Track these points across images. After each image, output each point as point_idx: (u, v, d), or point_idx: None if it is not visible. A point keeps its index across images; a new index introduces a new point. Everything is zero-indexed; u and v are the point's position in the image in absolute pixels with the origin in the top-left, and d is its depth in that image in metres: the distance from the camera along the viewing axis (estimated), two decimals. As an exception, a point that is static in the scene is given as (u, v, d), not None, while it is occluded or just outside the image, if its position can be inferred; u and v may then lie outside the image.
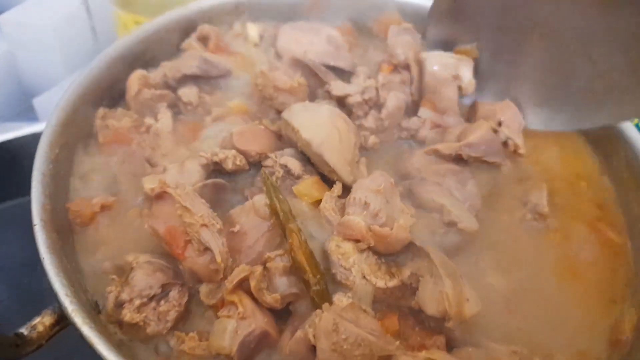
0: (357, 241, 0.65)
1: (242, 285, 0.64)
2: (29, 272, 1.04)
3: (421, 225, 0.70)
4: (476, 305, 0.63)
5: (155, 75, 0.91)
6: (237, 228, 0.67)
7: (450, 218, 0.71)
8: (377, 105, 0.86)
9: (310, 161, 0.77)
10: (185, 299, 0.66)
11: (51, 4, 1.55)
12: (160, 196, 0.69)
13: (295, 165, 0.75)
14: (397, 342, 0.57)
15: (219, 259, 0.64)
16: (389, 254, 0.67)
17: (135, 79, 0.88)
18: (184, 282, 0.68)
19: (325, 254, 0.66)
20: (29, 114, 1.64)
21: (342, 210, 0.69)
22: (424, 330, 0.65)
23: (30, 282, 1.03)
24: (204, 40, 1.00)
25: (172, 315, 0.65)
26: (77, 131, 0.82)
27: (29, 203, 1.20)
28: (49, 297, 0.62)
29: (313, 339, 0.57)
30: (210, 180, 0.75)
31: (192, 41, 0.99)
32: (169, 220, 0.67)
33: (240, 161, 0.77)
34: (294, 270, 0.64)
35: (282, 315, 0.66)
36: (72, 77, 1.61)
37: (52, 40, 1.60)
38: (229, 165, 0.76)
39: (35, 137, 1.30)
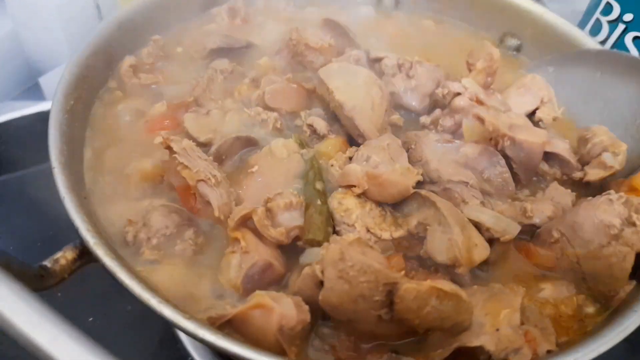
0: (352, 186, 0.66)
1: (248, 224, 0.66)
2: (30, 249, 1.06)
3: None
4: (485, 249, 0.64)
5: (146, 55, 0.94)
6: (254, 168, 0.70)
7: (490, 235, 0.67)
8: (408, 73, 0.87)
9: (340, 122, 0.80)
10: (200, 239, 0.68)
11: (54, -18, 1.56)
12: (170, 150, 0.70)
13: (320, 125, 0.78)
14: (402, 272, 0.58)
15: (216, 213, 0.66)
16: (389, 202, 0.68)
17: (125, 69, 0.90)
18: (199, 224, 0.69)
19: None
20: (35, 93, 1.65)
21: None
22: (428, 271, 0.67)
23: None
24: (232, 12, 1.05)
25: (189, 253, 0.67)
26: (89, 86, 0.84)
27: (33, 175, 1.22)
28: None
29: (320, 274, 0.57)
30: (244, 135, 0.77)
31: (222, 10, 1.05)
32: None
33: (280, 125, 0.80)
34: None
35: (293, 254, 0.67)
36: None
37: (56, 18, 1.60)
38: (269, 127, 0.79)
39: (41, 116, 1.31)
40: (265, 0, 1.12)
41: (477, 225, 0.67)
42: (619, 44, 1.09)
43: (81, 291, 0.64)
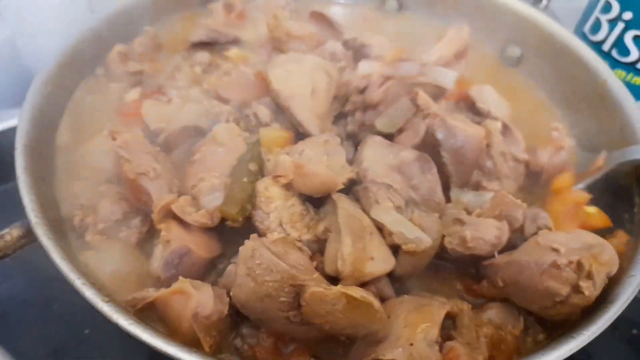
0: (279, 177, 0.64)
1: (174, 214, 0.66)
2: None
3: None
4: (383, 264, 0.59)
5: (138, 45, 0.95)
6: (196, 156, 0.69)
7: (392, 241, 0.62)
8: None
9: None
10: (146, 228, 0.70)
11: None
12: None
13: (264, 114, 0.76)
14: (315, 275, 0.56)
15: (155, 205, 0.66)
16: (315, 195, 0.65)
17: (114, 56, 0.91)
18: (147, 213, 0.70)
19: None
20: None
21: None
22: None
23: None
24: (229, 7, 1.06)
25: (133, 241, 0.68)
26: (74, 73, 0.87)
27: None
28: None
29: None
30: (192, 124, 0.77)
31: (219, 5, 1.06)
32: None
33: (234, 119, 0.79)
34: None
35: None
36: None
37: (53, 25, 1.57)
38: (222, 120, 0.78)
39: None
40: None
41: (381, 228, 0.62)
42: (619, 42, 1.03)
43: (77, 304, 0.65)
